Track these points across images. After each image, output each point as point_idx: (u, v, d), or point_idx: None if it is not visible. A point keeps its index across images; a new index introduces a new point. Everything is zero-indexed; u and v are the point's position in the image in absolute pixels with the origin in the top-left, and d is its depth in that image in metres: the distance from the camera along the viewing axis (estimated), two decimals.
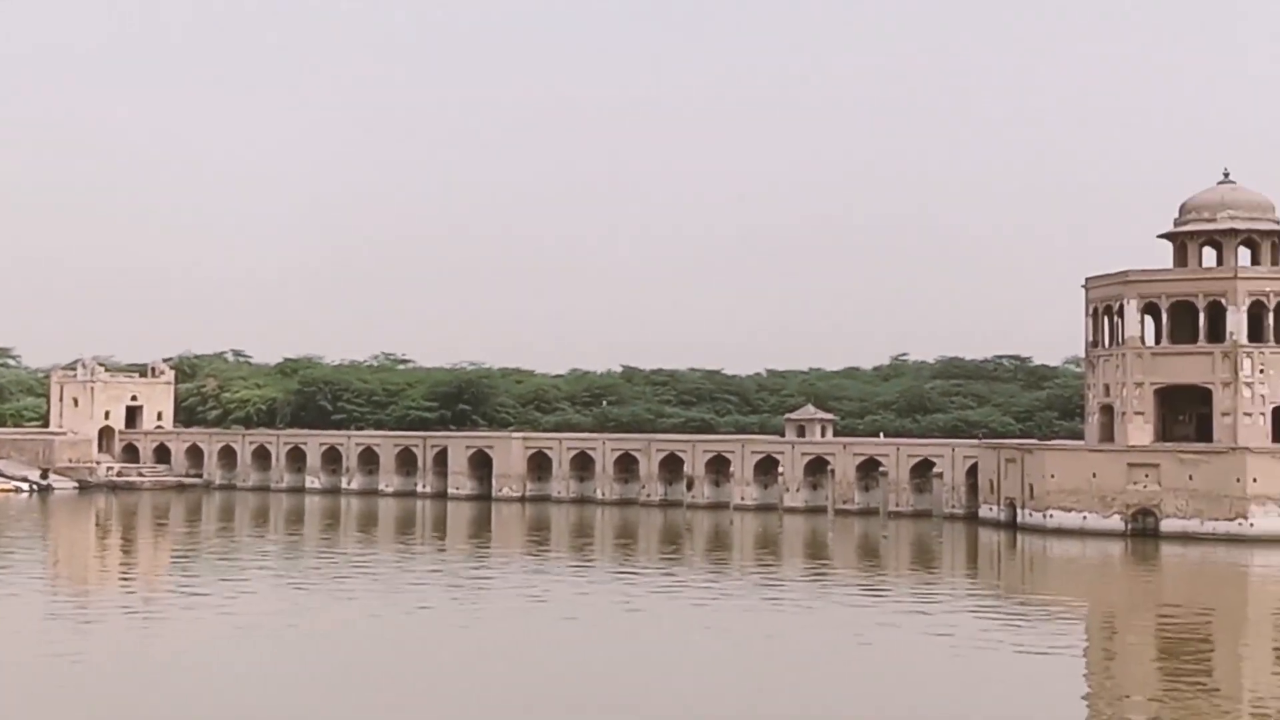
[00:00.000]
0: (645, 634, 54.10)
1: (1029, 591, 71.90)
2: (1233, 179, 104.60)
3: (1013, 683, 44.81)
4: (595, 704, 41.35)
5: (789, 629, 55.51)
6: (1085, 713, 41.53)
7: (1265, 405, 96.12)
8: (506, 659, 47.91)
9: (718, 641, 52.46)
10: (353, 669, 45.87)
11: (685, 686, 43.61)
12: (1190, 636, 54.82)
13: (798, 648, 51.16)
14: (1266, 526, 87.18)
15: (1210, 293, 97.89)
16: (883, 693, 43.27)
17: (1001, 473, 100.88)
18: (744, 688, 43.74)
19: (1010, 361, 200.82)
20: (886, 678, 45.70)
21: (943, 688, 43.76)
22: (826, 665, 47.66)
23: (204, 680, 43.64)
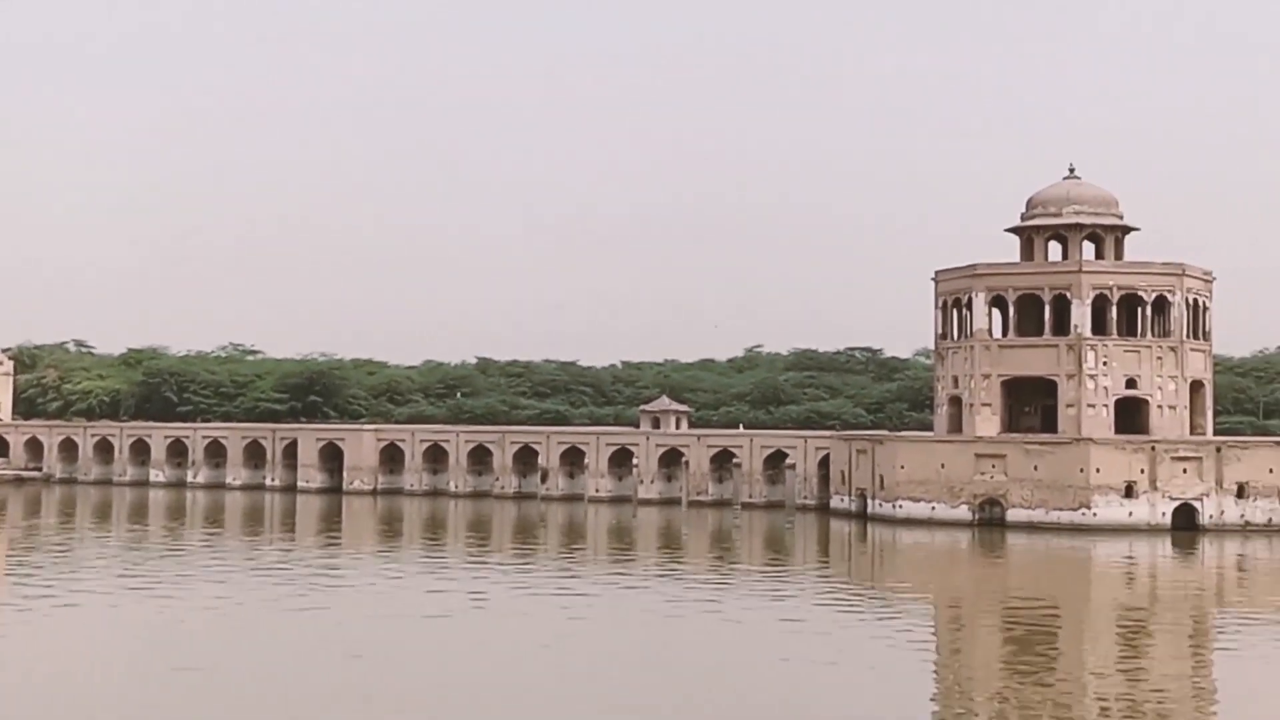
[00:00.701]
0: (495, 628, 53.17)
1: (878, 581, 72.40)
2: (1078, 174, 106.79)
3: (860, 672, 44.82)
4: (430, 699, 40.39)
5: (642, 619, 55.03)
6: (931, 702, 41.68)
7: (1108, 397, 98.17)
8: (352, 657, 46.63)
9: (571, 635, 51.72)
10: (196, 669, 44.28)
11: (519, 680, 42.77)
12: (1035, 626, 55.41)
13: (647, 637, 50.68)
14: (1109, 516, 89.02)
15: (1056, 286, 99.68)
16: (730, 683, 42.92)
17: (853, 464, 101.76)
18: (590, 680, 43.11)
19: (862, 353, 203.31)
20: (735, 668, 45.42)
21: (791, 677, 43.59)
22: (674, 656, 47.22)
23: (22, 680, 41.82)
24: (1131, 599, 65.68)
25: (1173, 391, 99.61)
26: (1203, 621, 59.12)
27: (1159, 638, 54.07)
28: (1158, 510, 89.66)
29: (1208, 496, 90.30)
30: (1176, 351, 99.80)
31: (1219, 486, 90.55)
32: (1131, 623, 57.65)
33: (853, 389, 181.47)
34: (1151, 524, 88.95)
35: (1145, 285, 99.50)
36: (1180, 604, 63.54)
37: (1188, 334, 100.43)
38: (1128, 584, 71.28)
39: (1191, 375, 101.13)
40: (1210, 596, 67.39)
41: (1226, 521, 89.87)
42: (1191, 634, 55.87)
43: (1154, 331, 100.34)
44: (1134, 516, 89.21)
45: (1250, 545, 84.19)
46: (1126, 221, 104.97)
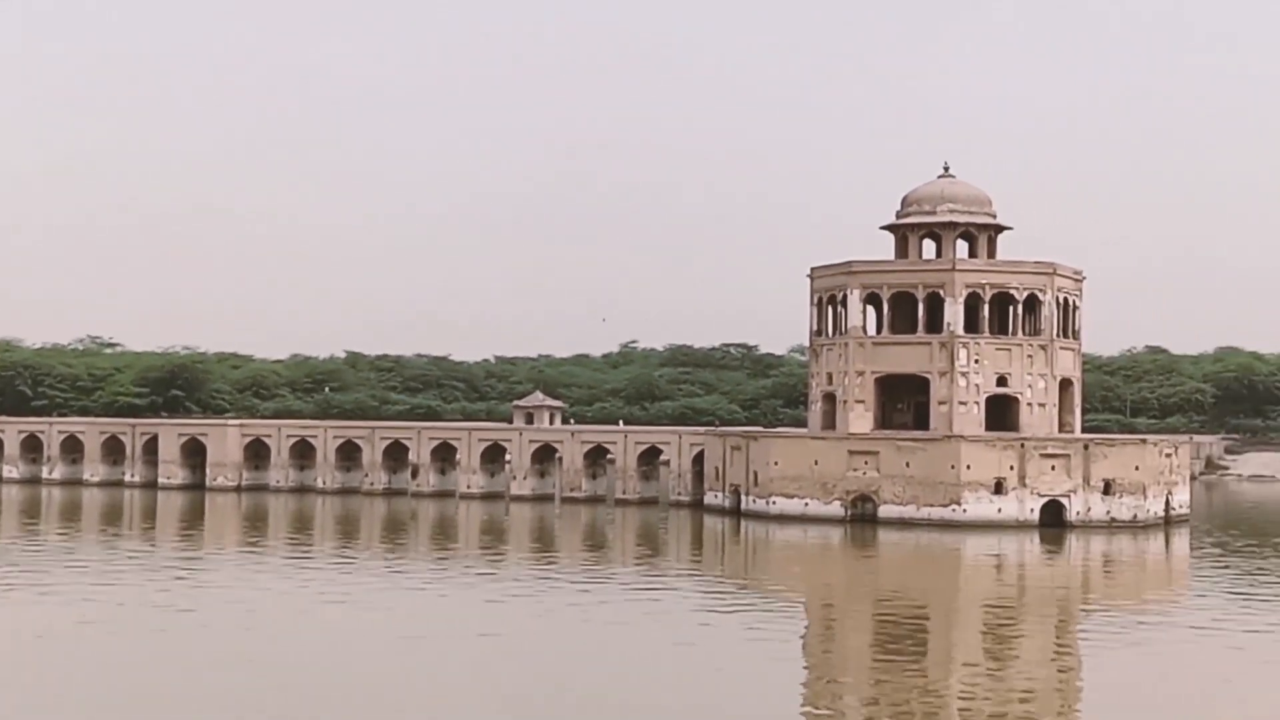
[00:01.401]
0: (354, 625, 51.85)
1: (751, 577, 72.04)
2: (952, 173, 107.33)
3: (732, 668, 44.25)
4: (273, 697, 38.98)
5: (511, 616, 53.88)
6: (802, 697, 41.19)
7: (979, 394, 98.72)
8: (218, 658, 45.00)
9: (442, 631, 50.71)
10: (50, 672, 42.36)
11: (368, 678, 41.47)
12: (905, 620, 55.27)
13: (518, 635, 49.77)
14: (978, 512, 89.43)
15: (929, 284, 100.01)
16: (601, 679, 42.26)
17: (727, 460, 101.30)
18: (461, 678, 42.11)
19: (738, 350, 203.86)
20: (606, 664, 44.79)
21: (662, 674, 43.04)
22: (545, 653, 46.30)
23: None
24: (1000, 594, 65.91)
25: (1042, 389, 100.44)
26: (1069, 615, 59.52)
27: (1026, 631, 54.23)
28: (1026, 507, 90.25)
29: (1075, 493, 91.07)
30: (1047, 350, 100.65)
31: (1086, 483, 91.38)
32: (1000, 617, 57.72)
33: (728, 385, 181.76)
34: (1020, 520, 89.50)
35: (1017, 284, 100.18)
36: (1047, 598, 63.93)
37: (1058, 333, 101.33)
38: (996, 579, 71.51)
39: (1061, 374, 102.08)
40: (1076, 591, 67.96)
41: (1093, 518, 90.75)
42: (1058, 628, 56.21)
43: (1025, 330, 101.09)
44: (1003, 513, 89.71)
45: (1116, 541, 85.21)
46: (999, 221, 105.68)
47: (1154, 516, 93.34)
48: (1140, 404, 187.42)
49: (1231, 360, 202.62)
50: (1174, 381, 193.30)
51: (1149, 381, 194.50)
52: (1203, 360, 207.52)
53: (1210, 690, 42.41)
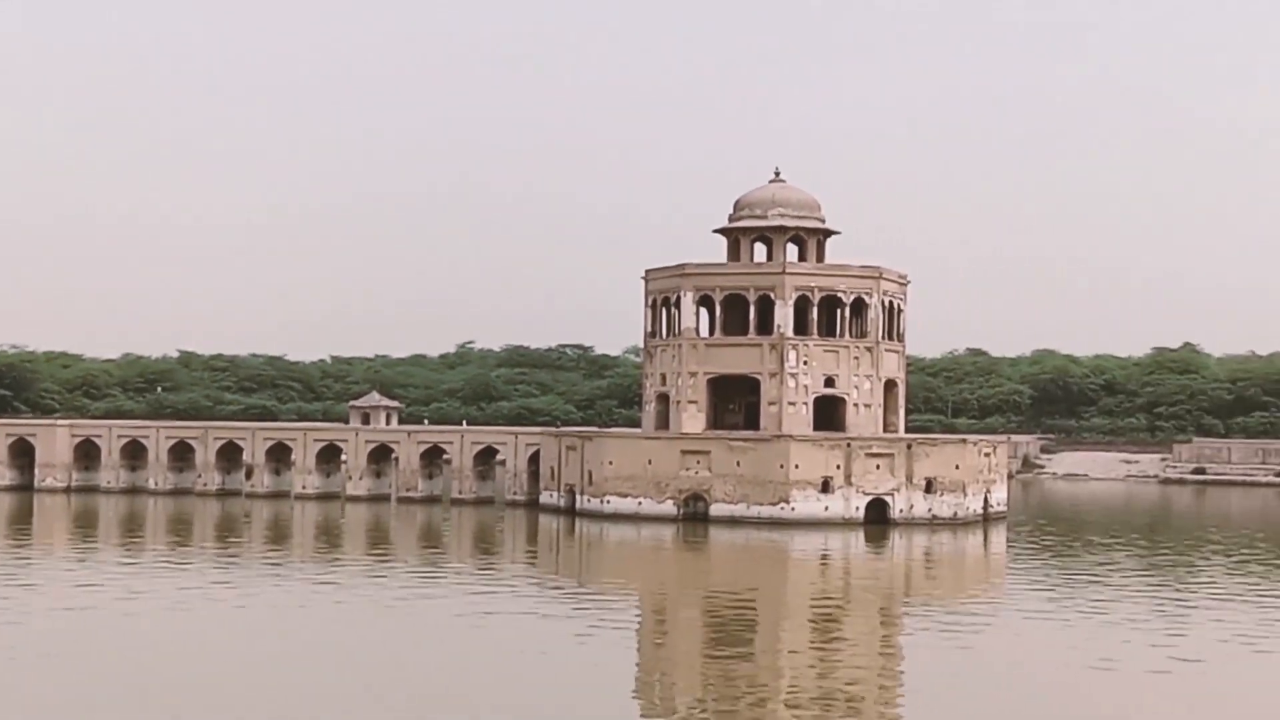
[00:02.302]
0: (190, 628, 51.92)
1: (585, 575, 73.33)
2: (783, 178, 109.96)
3: (566, 665, 45.35)
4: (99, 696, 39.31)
5: (346, 616, 54.37)
6: (634, 692, 42.48)
7: (808, 395, 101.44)
8: (41, 656, 44.86)
9: (267, 631, 51.05)
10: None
11: (193, 678, 41.98)
12: (735, 616, 56.97)
13: (353, 634, 50.24)
14: (806, 510, 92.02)
15: (760, 287, 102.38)
16: (434, 678, 42.97)
17: (562, 460, 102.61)
18: (286, 679, 42.62)
19: (574, 351, 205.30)
20: (439, 663, 45.49)
21: (496, 672, 43.88)
22: (377, 652, 46.85)
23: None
24: (826, 589, 68.11)
25: (868, 390, 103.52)
26: (892, 609, 61.72)
27: (851, 625, 56.26)
28: (852, 505, 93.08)
29: (898, 491, 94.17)
30: (873, 352, 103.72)
31: (909, 482, 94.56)
32: (825, 612, 59.79)
33: (564, 386, 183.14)
34: (846, 518, 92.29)
35: (845, 287, 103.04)
36: (871, 593, 66.13)
37: (883, 335, 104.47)
38: (823, 575, 73.72)
39: (886, 375, 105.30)
40: (899, 586, 70.58)
41: (915, 515, 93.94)
42: (881, 621, 58.35)
43: (852, 332, 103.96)
44: (830, 511, 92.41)
45: (936, 538, 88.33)
46: (828, 225, 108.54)
47: (973, 514, 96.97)
48: (961, 404, 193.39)
49: (1048, 363, 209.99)
50: (993, 383, 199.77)
51: (969, 383, 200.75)
52: (1020, 362, 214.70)
53: (1024, 678, 44.55)
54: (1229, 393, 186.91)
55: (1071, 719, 39.16)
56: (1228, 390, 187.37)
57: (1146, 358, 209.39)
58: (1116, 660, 46.92)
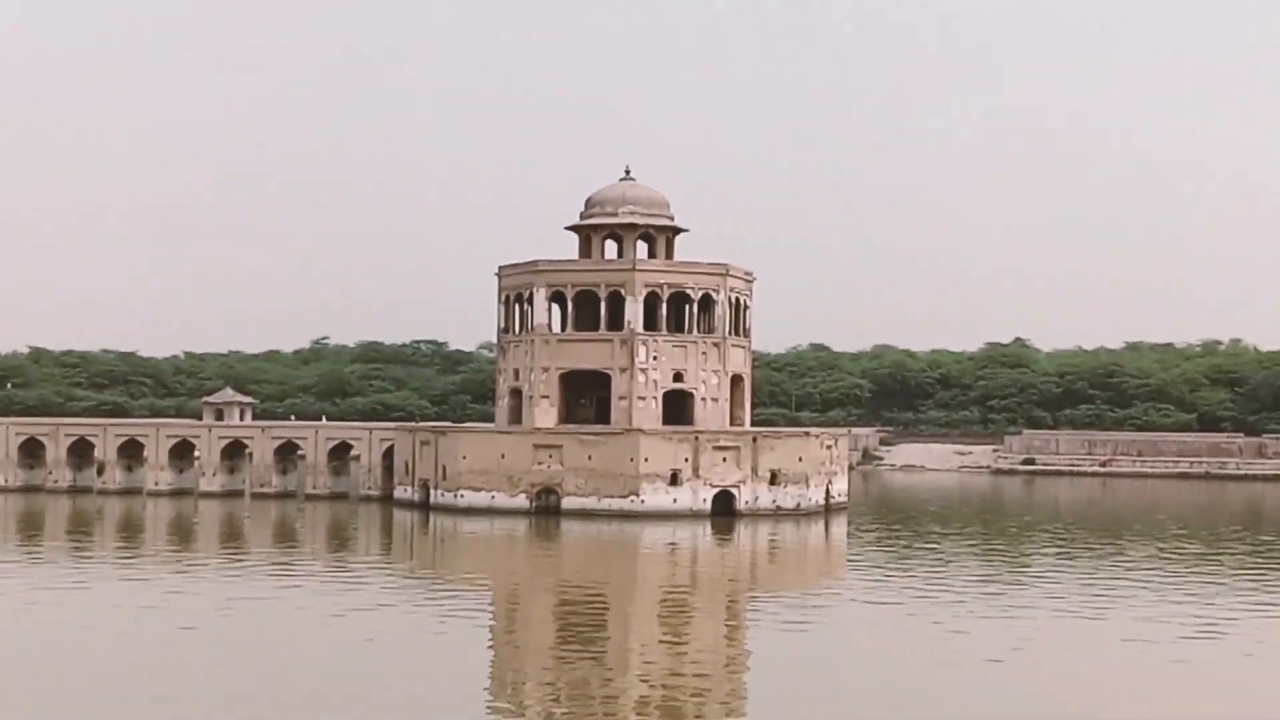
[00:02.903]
0: (38, 623, 52.34)
1: (438, 569, 74.13)
2: (633, 176, 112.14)
3: (419, 660, 46.24)
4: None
5: (197, 611, 54.46)
6: (486, 686, 43.58)
7: (657, 390, 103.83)
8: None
9: (126, 628, 51.31)
10: None
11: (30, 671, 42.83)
12: (586, 607, 58.53)
13: (204, 630, 50.66)
14: (655, 503, 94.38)
15: (611, 283, 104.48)
16: (286, 673, 43.67)
17: (416, 455, 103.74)
18: (135, 675, 43.10)
19: (428, 346, 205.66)
20: (286, 659, 46.05)
21: (349, 667, 44.51)
22: (230, 648, 47.60)
23: None
24: (674, 580, 69.71)
25: (715, 385, 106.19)
26: (739, 598, 63.66)
27: (699, 614, 57.96)
28: (700, 497, 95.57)
29: (744, 483, 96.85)
30: (720, 347, 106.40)
31: (754, 474, 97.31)
32: (675, 602, 61.52)
33: (418, 381, 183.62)
34: (694, 510, 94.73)
35: (693, 284, 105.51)
36: (719, 583, 68.13)
37: (730, 331, 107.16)
38: (671, 566, 75.26)
39: (733, 370, 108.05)
40: (745, 576, 72.79)
41: (760, 506, 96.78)
42: (729, 610, 60.17)
43: (700, 328, 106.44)
44: (678, 503, 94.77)
45: (781, 528, 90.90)
46: (677, 223, 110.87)
47: (815, 504, 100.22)
48: (804, 398, 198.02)
49: (887, 357, 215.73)
50: (835, 377, 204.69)
51: (812, 377, 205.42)
52: (861, 357, 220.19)
53: (867, 664, 46.38)
54: (1057, 386, 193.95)
55: (912, 703, 40.86)
56: (1056, 384, 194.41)
57: (980, 353, 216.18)
58: (954, 645, 49.13)
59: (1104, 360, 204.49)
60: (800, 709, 39.99)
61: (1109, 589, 63.45)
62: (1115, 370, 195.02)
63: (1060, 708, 40.57)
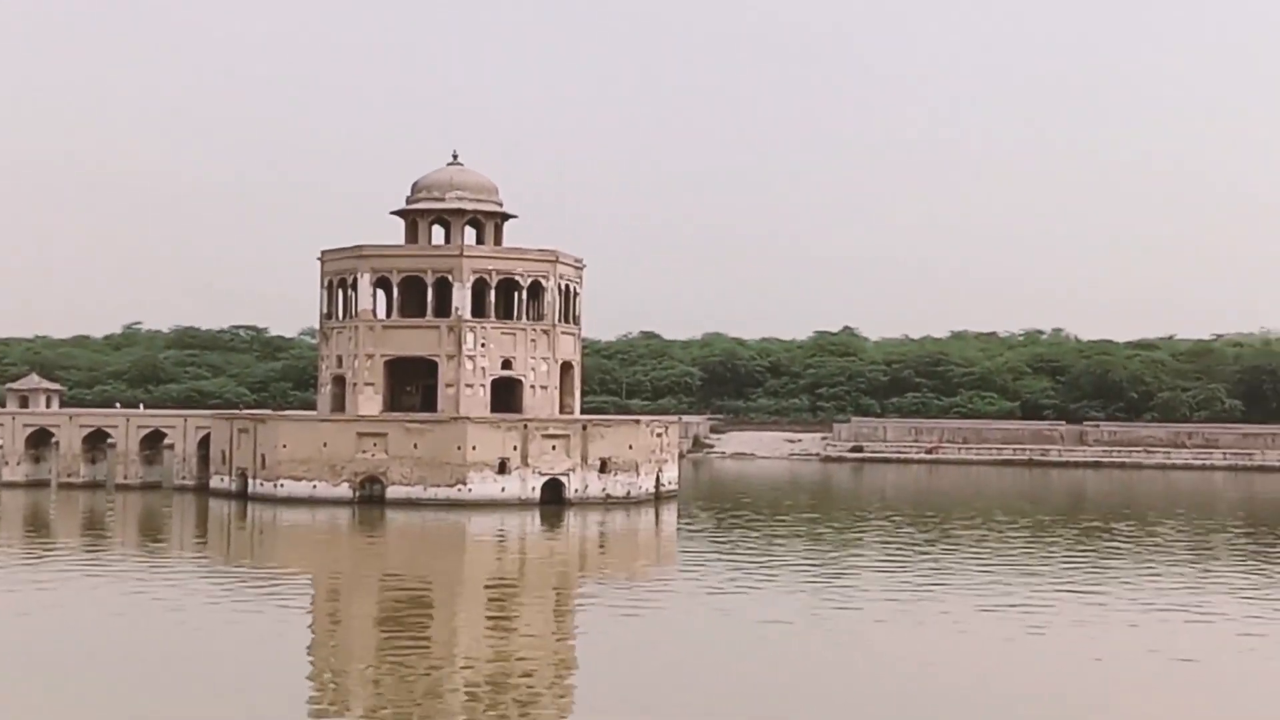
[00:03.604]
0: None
1: (257, 561, 71.90)
2: (461, 161, 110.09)
3: (235, 654, 44.55)
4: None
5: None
6: (307, 680, 41.96)
7: (485, 377, 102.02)
8: None
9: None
10: None
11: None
12: (411, 598, 56.98)
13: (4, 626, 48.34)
14: (483, 491, 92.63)
15: (438, 269, 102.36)
16: (94, 671, 41.80)
17: (234, 443, 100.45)
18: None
19: (247, 332, 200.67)
20: (93, 655, 44.14)
21: (161, 663, 42.80)
22: (30, 644, 45.25)
23: None
24: (502, 569, 68.77)
25: (545, 372, 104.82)
26: (567, 587, 62.81)
27: (527, 604, 56.97)
28: (528, 485, 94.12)
29: (574, 472, 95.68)
30: (549, 335, 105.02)
31: (584, 462, 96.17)
32: (502, 593, 60.36)
33: (236, 368, 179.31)
34: (523, 498, 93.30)
35: (522, 270, 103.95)
36: (547, 572, 67.19)
37: (560, 318, 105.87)
38: (499, 556, 74.27)
39: (562, 357, 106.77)
40: (574, 564, 71.74)
41: (590, 495, 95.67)
42: (557, 599, 59.30)
43: (529, 315, 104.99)
44: (506, 492, 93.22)
45: (611, 516, 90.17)
46: (506, 209, 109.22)
47: (646, 493, 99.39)
48: (635, 386, 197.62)
49: (717, 345, 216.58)
50: (665, 365, 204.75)
51: (643, 365, 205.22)
52: (691, 345, 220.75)
53: (696, 651, 45.87)
54: (885, 375, 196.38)
55: (739, 687, 40.39)
56: (884, 372, 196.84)
57: (809, 341, 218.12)
58: (784, 629, 48.86)
59: (930, 349, 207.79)
60: (629, 696, 39.34)
61: (936, 573, 63.74)
62: (941, 359, 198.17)
63: (880, 688, 40.22)
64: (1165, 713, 38.59)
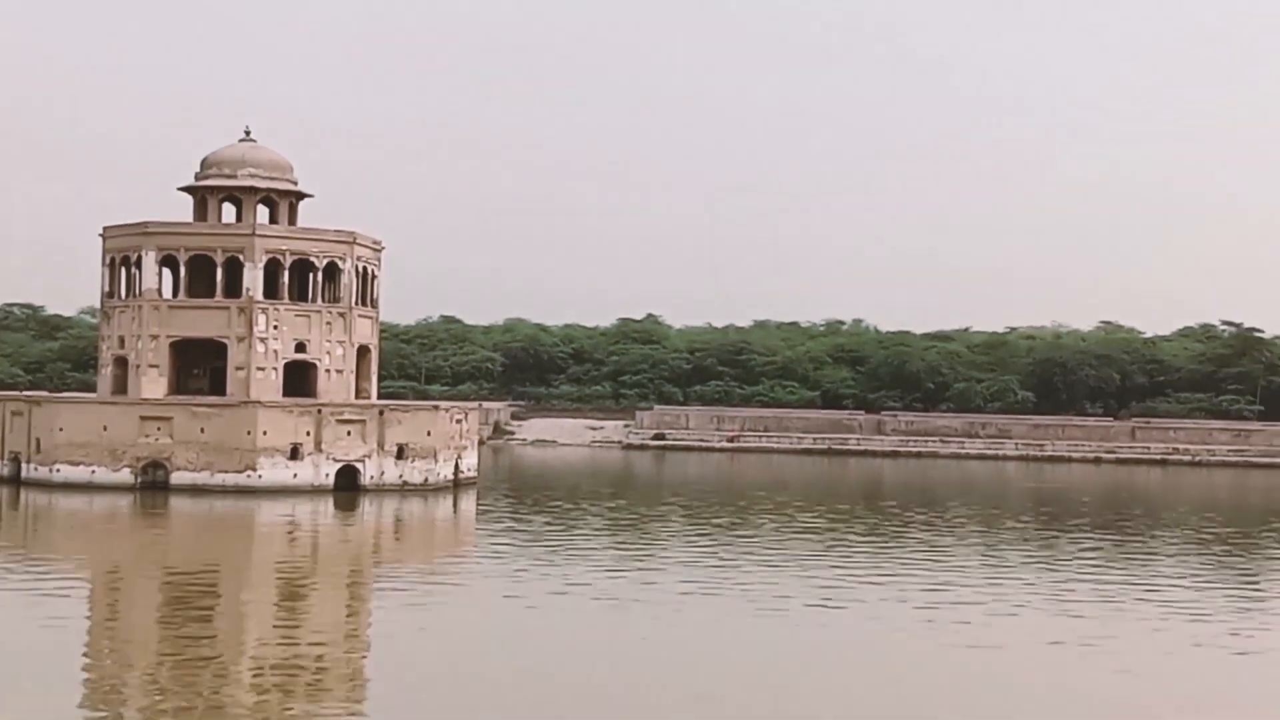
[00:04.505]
0: None
1: (29, 550, 67.86)
2: (254, 138, 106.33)
3: (8, 647, 41.85)
4: None
5: None
6: (85, 674, 39.44)
7: (278, 360, 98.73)
8: None
9: None
10: None
11: None
12: (197, 587, 54.58)
13: None
14: (274, 478, 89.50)
15: (229, 248, 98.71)
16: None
17: (7, 426, 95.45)
18: None
19: (21, 310, 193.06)
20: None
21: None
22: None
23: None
24: (293, 557, 66.54)
25: (340, 356, 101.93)
26: (361, 575, 61.21)
27: (318, 593, 55.16)
28: (322, 472, 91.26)
29: (370, 458, 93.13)
30: (345, 317, 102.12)
31: (381, 448, 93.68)
32: (294, 580, 58.36)
33: (10, 347, 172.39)
34: (316, 485, 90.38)
35: (318, 251, 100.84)
36: (340, 560, 65.29)
37: (357, 301, 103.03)
38: (291, 544, 71.92)
39: (359, 341, 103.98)
40: (369, 552, 69.89)
41: (386, 481, 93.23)
42: (350, 587, 57.73)
43: (325, 297, 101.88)
44: (299, 478, 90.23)
45: (408, 503, 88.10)
46: (301, 188, 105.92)
47: (444, 479, 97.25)
48: (435, 371, 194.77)
49: (519, 331, 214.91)
50: (466, 350, 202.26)
51: (443, 350, 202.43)
52: (493, 330, 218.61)
53: (491, 636, 45.05)
54: (687, 362, 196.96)
55: (531, 674, 39.55)
56: (686, 360, 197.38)
57: (612, 328, 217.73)
58: (579, 618, 48.15)
59: (733, 338, 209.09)
60: (421, 684, 38.27)
61: (731, 559, 63.63)
62: (744, 348, 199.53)
63: (665, 672, 39.62)
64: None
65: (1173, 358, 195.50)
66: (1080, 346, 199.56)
